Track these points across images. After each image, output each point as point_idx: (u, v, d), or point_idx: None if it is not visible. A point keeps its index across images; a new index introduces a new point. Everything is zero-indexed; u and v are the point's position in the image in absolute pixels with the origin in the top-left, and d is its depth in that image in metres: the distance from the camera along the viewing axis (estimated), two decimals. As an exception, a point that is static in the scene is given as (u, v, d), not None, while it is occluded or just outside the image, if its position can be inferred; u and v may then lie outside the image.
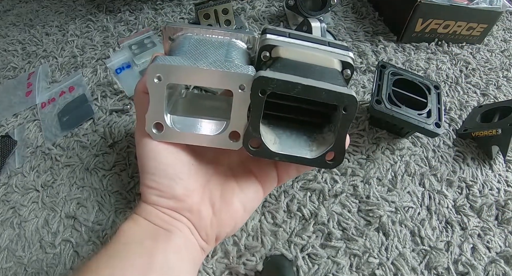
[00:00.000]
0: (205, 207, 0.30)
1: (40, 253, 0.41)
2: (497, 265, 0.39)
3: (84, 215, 0.44)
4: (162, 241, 0.27)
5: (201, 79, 0.26)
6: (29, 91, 0.58)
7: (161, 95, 0.27)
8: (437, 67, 0.61)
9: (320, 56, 0.29)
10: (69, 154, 0.50)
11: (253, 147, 0.27)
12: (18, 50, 0.67)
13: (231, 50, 0.29)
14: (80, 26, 0.71)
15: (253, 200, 0.32)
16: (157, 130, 0.28)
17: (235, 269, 0.39)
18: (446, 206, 0.44)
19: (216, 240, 0.31)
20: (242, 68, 0.26)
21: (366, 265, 0.39)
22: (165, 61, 0.26)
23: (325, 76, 0.27)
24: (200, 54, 0.27)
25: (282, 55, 0.28)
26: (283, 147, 0.28)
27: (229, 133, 0.28)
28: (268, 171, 0.32)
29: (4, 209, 0.45)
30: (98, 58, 0.63)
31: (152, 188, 0.28)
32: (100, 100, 0.56)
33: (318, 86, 0.24)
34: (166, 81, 0.26)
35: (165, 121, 0.28)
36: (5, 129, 0.54)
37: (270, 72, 0.25)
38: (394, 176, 0.47)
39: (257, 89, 0.25)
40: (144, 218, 0.28)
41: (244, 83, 0.26)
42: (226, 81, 0.26)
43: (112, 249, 0.26)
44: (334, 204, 0.44)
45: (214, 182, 0.31)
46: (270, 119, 0.30)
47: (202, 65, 0.26)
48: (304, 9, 0.63)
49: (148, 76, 0.26)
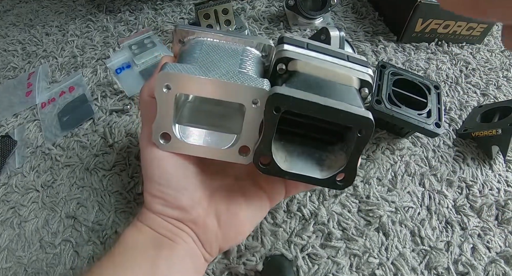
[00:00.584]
0: (211, 219, 0.29)
1: (40, 253, 0.41)
2: (497, 265, 0.39)
3: (84, 215, 0.44)
4: (165, 251, 0.27)
5: (212, 91, 0.25)
6: (29, 91, 0.58)
7: (170, 105, 0.26)
8: (437, 67, 0.61)
9: (339, 73, 0.28)
10: (69, 154, 0.50)
11: (263, 164, 0.26)
12: (18, 50, 0.67)
13: (245, 59, 0.28)
14: (80, 26, 0.71)
15: (259, 213, 0.31)
16: (164, 141, 0.27)
17: (235, 269, 0.39)
18: (446, 206, 0.44)
19: (219, 251, 0.30)
20: (257, 81, 0.25)
21: (366, 265, 0.39)
22: (175, 69, 0.25)
23: (343, 96, 0.26)
24: (212, 63, 0.26)
25: (300, 69, 0.27)
26: (293, 165, 0.27)
27: (239, 147, 0.27)
28: (276, 184, 0.31)
29: (4, 209, 0.45)
30: (98, 58, 0.63)
31: (157, 197, 0.28)
32: (100, 100, 0.56)
33: (336, 107, 0.23)
34: (175, 91, 0.25)
35: (173, 132, 0.27)
36: (5, 129, 0.54)
37: (286, 89, 0.24)
38: (394, 176, 0.47)
39: (271, 107, 0.24)
40: (148, 226, 0.28)
41: (258, 98, 0.25)
42: (239, 95, 0.25)
43: (115, 257, 0.26)
44: (334, 204, 0.44)
45: (220, 194, 0.30)
46: (281, 134, 0.29)
47: (214, 76, 0.25)
48: (304, 9, 0.63)
49: (157, 84, 0.25)
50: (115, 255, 0.26)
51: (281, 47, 0.28)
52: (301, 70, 0.27)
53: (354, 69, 0.28)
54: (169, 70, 0.24)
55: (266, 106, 0.24)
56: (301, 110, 0.24)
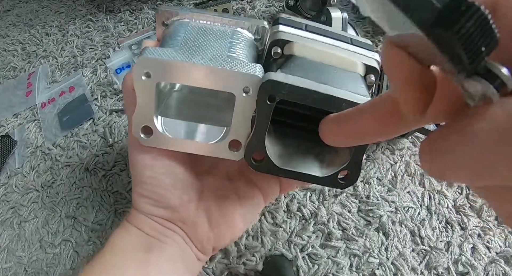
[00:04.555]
0: (201, 219, 0.28)
1: (40, 253, 0.41)
2: (497, 265, 0.39)
3: (84, 215, 0.44)
4: (155, 252, 0.26)
5: (197, 79, 0.22)
6: (29, 91, 0.58)
7: (150, 94, 0.23)
8: (437, 67, 0.61)
9: (342, 57, 0.24)
10: (69, 154, 0.50)
11: (256, 160, 0.24)
12: (18, 50, 0.67)
13: (236, 42, 0.25)
14: (80, 26, 0.71)
15: (253, 211, 0.30)
16: (145, 135, 0.24)
17: (235, 269, 0.39)
18: (446, 206, 0.44)
19: (213, 250, 0.29)
20: (248, 67, 0.22)
21: (366, 265, 0.39)
22: (155, 54, 0.22)
23: (345, 83, 0.23)
24: (198, 47, 0.23)
25: (297, 53, 0.24)
26: (289, 162, 0.24)
27: (229, 142, 0.24)
28: (270, 180, 0.29)
29: (4, 209, 0.45)
30: (98, 58, 0.63)
31: (146, 197, 0.27)
32: (100, 100, 0.56)
33: (338, 97, 0.21)
34: (155, 79, 0.22)
35: (155, 125, 0.24)
36: (5, 129, 0.54)
37: (282, 75, 0.21)
38: (394, 176, 0.47)
39: (265, 95, 0.21)
40: (137, 227, 0.27)
41: (250, 86, 0.22)
42: (228, 82, 0.22)
43: (105, 260, 0.26)
44: (334, 204, 0.44)
45: (211, 192, 0.29)
46: (276, 126, 0.26)
47: (199, 61, 0.22)
48: (304, 9, 0.63)
49: (135, 72, 0.22)
50: (105, 257, 0.26)
51: (276, 28, 0.25)
52: (299, 54, 0.24)
53: (358, 54, 0.25)
54: (148, 55, 0.22)
55: (258, 95, 0.21)
56: (299, 100, 0.21)
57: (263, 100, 0.21)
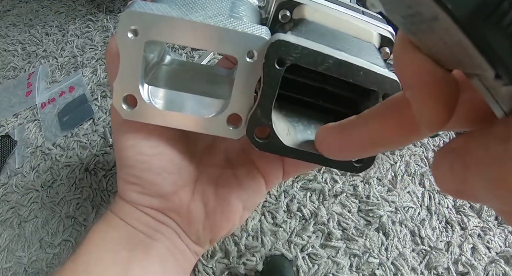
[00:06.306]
0: (196, 206, 0.24)
1: (40, 253, 0.41)
2: (497, 265, 0.39)
3: (84, 215, 0.44)
4: (140, 251, 0.22)
5: (194, 38, 0.19)
6: (29, 91, 0.58)
7: (137, 56, 0.19)
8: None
9: (357, 24, 0.22)
10: (69, 154, 0.50)
11: (260, 137, 0.20)
12: (18, 50, 0.67)
13: (238, 4, 0.22)
14: (80, 26, 0.71)
15: (254, 196, 0.26)
16: (127, 106, 0.20)
17: (235, 269, 0.39)
18: (446, 206, 0.44)
19: (210, 242, 0.26)
20: (253, 27, 0.19)
21: (366, 265, 0.39)
22: (144, 8, 0.18)
23: (361, 52, 0.20)
24: (196, 4, 0.20)
25: (308, 17, 0.21)
26: (298, 141, 0.21)
27: (228, 116, 0.21)
28: (273, 162, 0.26)
29: (4, 209, 0.45)
30: (98, 58, 0.63)
31: (132, 183, 0.22)
32: (100, 100, 0.56)
33: (356, 64, 0.19)
34: (144, 37, 0.19)
35: (140, 94, 0.20)
36: (5, 129, 0.54)
37: (293, 37, 0.18)
38: (394, 176, 0.47)
39: (273, 58, 0.18)
40: (121, 219, 0.23)
41: (255, 49, 0.19)
42: (230, 44, 0.19)
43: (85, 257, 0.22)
44: (334, 204, 0.44)
45: (208, 174, 0.25)
46: (282, 101, 0.23)
47: (197, 18, 0.19)
48: None
49: (120, 28, 0.18)
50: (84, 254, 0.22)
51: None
52: (310, 18, 0.21)
53: (372, 24, 0.23)
54: (136, 9, 0.18)
55: (266, 58, 0.18)
56: (312, 65, 0.18)
57: (271, 64, 0.18)
